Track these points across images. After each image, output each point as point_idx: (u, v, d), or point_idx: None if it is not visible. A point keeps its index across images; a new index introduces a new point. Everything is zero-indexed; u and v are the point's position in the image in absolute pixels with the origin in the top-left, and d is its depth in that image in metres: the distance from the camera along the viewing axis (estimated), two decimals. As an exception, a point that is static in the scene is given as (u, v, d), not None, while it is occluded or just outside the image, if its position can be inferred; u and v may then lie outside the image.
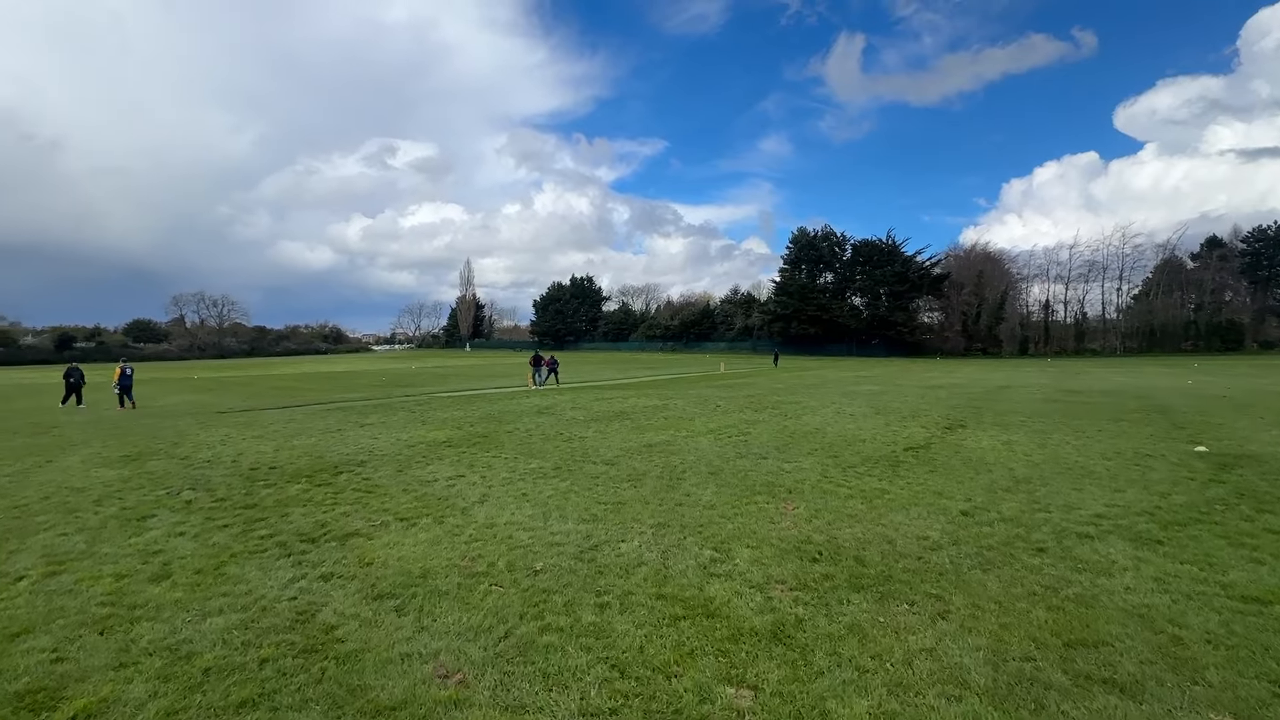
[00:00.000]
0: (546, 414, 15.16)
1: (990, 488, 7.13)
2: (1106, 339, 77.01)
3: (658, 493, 7.00)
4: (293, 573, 4.52)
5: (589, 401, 18.22)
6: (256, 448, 10.54)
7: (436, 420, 14.16)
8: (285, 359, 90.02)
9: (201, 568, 4.65)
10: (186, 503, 6.79)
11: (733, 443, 10.55)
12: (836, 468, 8.44)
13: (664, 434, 11.55)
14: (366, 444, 10.74)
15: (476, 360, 64.02)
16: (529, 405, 17.33)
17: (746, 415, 14.48)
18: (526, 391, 22.55)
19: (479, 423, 13.57)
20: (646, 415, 14.60)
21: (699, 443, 10.56)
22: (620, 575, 4.46)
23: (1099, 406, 16.28)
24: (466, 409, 16.58)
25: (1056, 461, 8.76)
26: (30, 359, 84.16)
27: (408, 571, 4.54)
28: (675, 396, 19.76)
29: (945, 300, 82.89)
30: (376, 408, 17.38)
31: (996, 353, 79.96)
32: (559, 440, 10.92)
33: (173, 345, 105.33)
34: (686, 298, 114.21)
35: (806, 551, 4.95)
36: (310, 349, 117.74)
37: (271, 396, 22.52)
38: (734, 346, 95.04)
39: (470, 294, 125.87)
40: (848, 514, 6.05)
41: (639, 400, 18.42)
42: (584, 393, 21.74)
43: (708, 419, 13.81)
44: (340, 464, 8.96)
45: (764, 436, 11.21)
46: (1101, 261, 79.38)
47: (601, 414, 14.94)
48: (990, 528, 5.53)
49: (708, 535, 5.39)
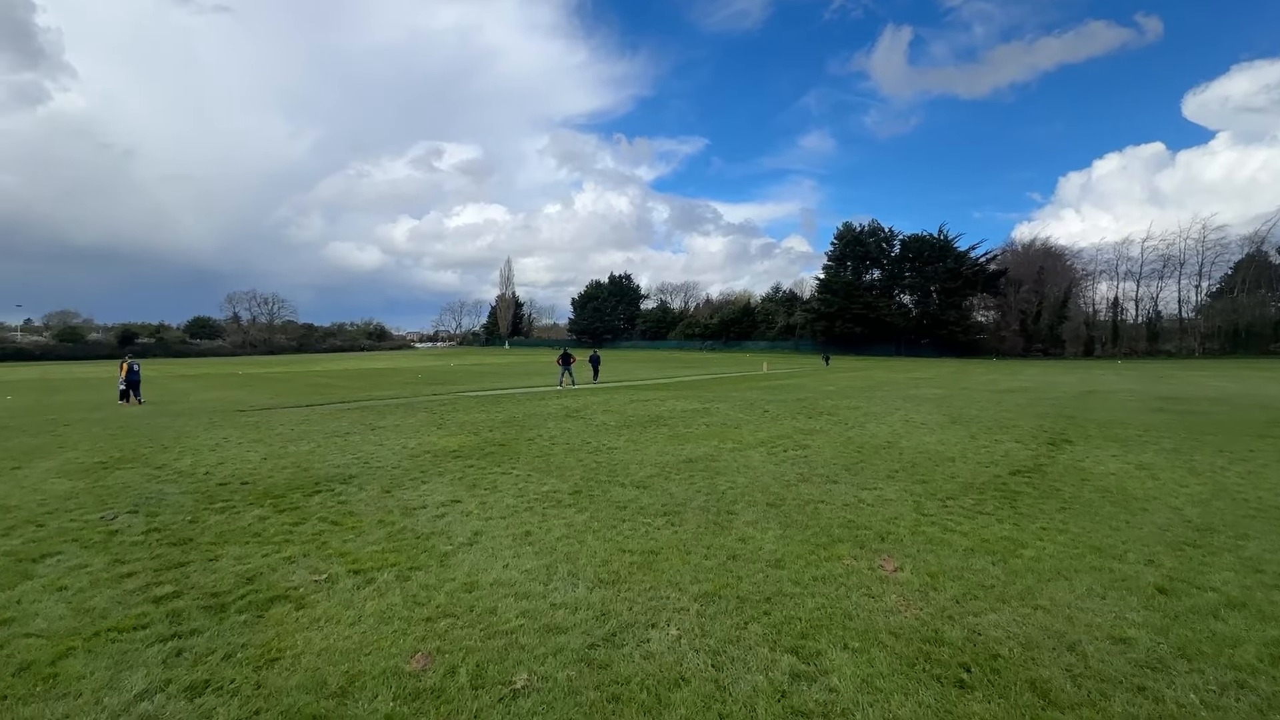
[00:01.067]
0: (574, 418, 13.59)
1: (1168, 540, 5.12)
2: (1184, 339, 70.74)
3: (702, 535, 5.27)
4: (150, 679, 2.99)
5: (623, 404, 16.60)
6: (244, 455, 9.29)
7: (454, 424, 12.76)
8: (330, 355, 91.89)
9: (34, 659, 3.18)
10: (111, 533, 5.43)
11: (790, 459, 8.70)
12: (931, 499, 6.52)
13: (707, 445, 9.80)
14: (366, 453, 9.37)
15: (514, 358, 63.42)
16: (557, 407, 15.81)
17: (800, 423, 12.57)
18: (558, 392, 21.09)
19: (499, 427, 12.09)
20: (686, 421, 12.86)
21: (749, 458, 8.76)
22: (648, 709, 2.77)
23: (1219, 418, 13.66)
24: (490, 411, 15.18)
25: (1229, 497, 6.61)
26: (95, 354, 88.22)
27: (321, 683, 2.95)
28: (717, 399, 17.94)
29: (1002, 298, 77.92)
30: (398, 407, 16.17)
31: (1059, 354, 74.70)
32: (583, 452, 9.30)
33: (226, 342, 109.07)
34: (726, 296, 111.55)
35: (941, 662, 3.14)
36: (355, 346, 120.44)
37: (301, 394, 21.73)
38: (775, 346, 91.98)
39: (510, 292, 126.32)
40: (980, 583, 4.19)
41: (678, 403, 16.68)
42: (618, 393, 20.15)
43: (756, 427, 11.96)
44: (323, 480, 7.55)
45: (827, 451, 9.32)
46: (1178, 256, 73.01)
47: (635, 418, 13.28)
48: (1221, 622, 3.59)
49: (780, 620, 3.63)
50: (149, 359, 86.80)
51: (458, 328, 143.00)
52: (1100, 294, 78.90)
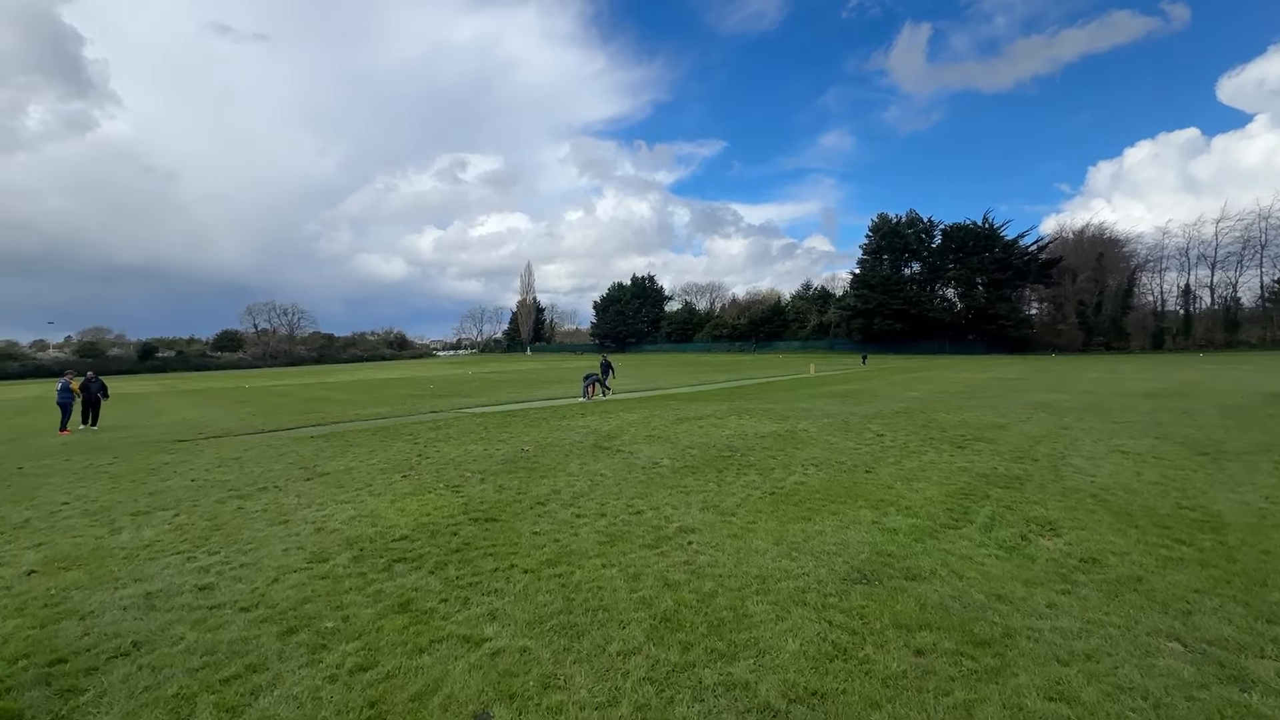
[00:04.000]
0: (608, 451, 9.45)
1: None
2: (1268, 329, 63.87)
3: None
4: None
5: (668, 423, 12.41)
6: (23, 556, 5.37)
7: (433, 464, 8.73)
8: (349, 365, 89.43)
9: None
10: None
11: (1047, 569, 4.44)
12: None
13: (847, 513, 5.57)
14: (233, 558, 5.35)
15: (536, 364, 59.70)
16: (582, 433, 11.69)
17: (965, 459, 8.22)
18: (582, 407, 17.01)
19: (495, 474, 7.98)
20: (777, 457, 8.61)
21: (966, 555, 4.53)
22: None
23: None
24: (492, 438, 11.14)
25: None
26: (115, 369, 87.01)
27: None
28: (790, 413, 13.65)
29: (1056, 289, 71.70)
30: (379, 432, 12.24)
31: (1122, 348, 68.41)
32: (638, 547, 5.09)
33: (247, 354, 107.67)
34: (753, 296, 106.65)
35: None
36: (375, 355, 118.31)
37: (284, 413, 18.00)
38: (808, 345, 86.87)
39: (530, 298, 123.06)
40: None
41: (743, 421, 12.41)
42: (656, 406, 15.96)
43: (898, 469, 7.65)
44: (92, 646, 3.55)
45: (1116, 540, 5.02)
46: (1258, 238, 66.08)
47: (699, 453, 9.05)
48: None
49: None
50: (168, 373, 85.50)
51: (479, 335, 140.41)
52: (1169, 282, 72.13)
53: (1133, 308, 71.76)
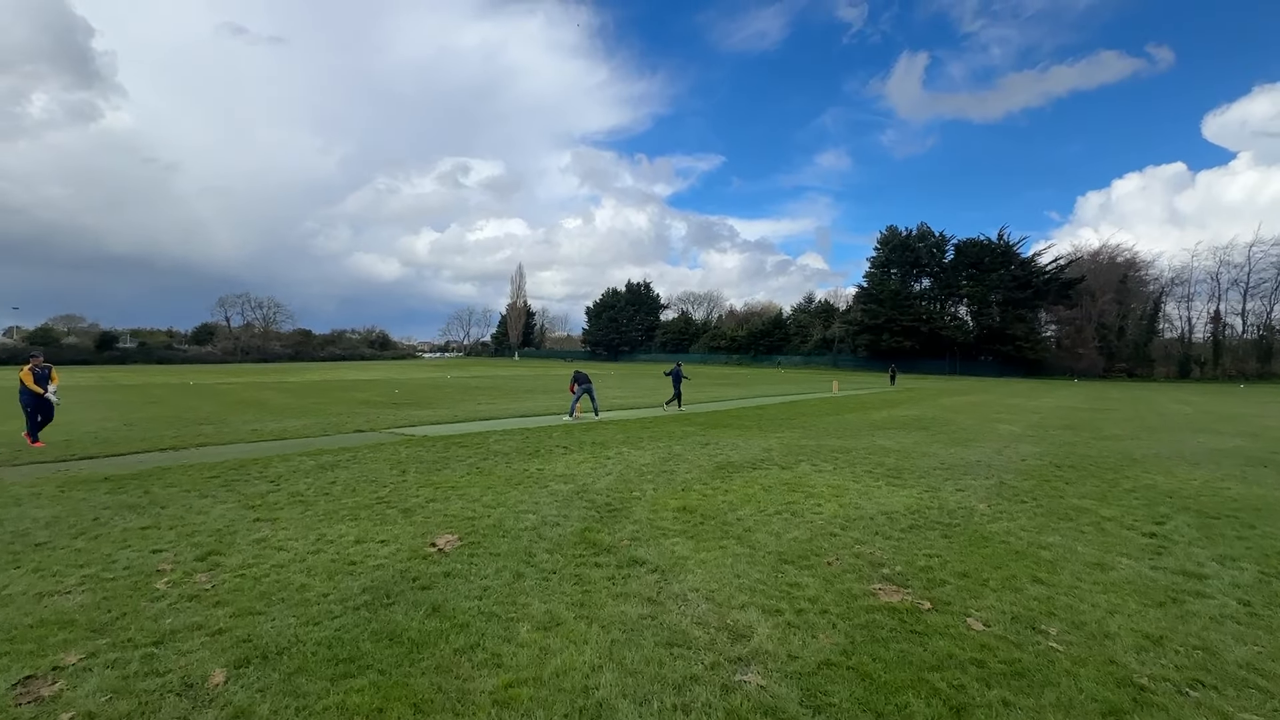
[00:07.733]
0: (602, 569, 4.60)
1: None
2: (1303, 360, 60.03)
3: None
4: None
5: (704, 476, 7.57)
6: None
7: (232, 598, 3.88)
8: (324, 364, 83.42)
9: None
10: None
11: None
12: None
13: None
14: None
15: (522, 370, 54.62)
16: (556, 498, 6.81)
17: None
18: (565, 434, 12.10)
19: (308, 683, 3.15)
20: (991, 598, 3.84)
21: None
22: None
23: None
24: (387, 507, 6.27)
25: None
26: (69, 359, 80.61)
27: None
28: (892, 464, 8.86)
29: (1076, 310, 67.63)
30: (250, 466, 7.32)
31: (1146, 374, 64.44)
32: None
33: (215, 348, 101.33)
34: (751, 307, 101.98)
35: None
36: (355, 354, 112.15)
37: (182, 423, 12.89)
38: (810, 360, 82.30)
39: (521, 301, 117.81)
40: None
41: (826, 477, 7.59)
42: (672, 435, 11.11)
43: None
44: None
45: None
46: (1293, 264, 62.35)
47: (797, 566, 4.27)
48: None
49: None
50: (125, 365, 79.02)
51: (466, 337, 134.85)
52: (1197, 309, 68.25)
53: (1157, 332, 67.99)
